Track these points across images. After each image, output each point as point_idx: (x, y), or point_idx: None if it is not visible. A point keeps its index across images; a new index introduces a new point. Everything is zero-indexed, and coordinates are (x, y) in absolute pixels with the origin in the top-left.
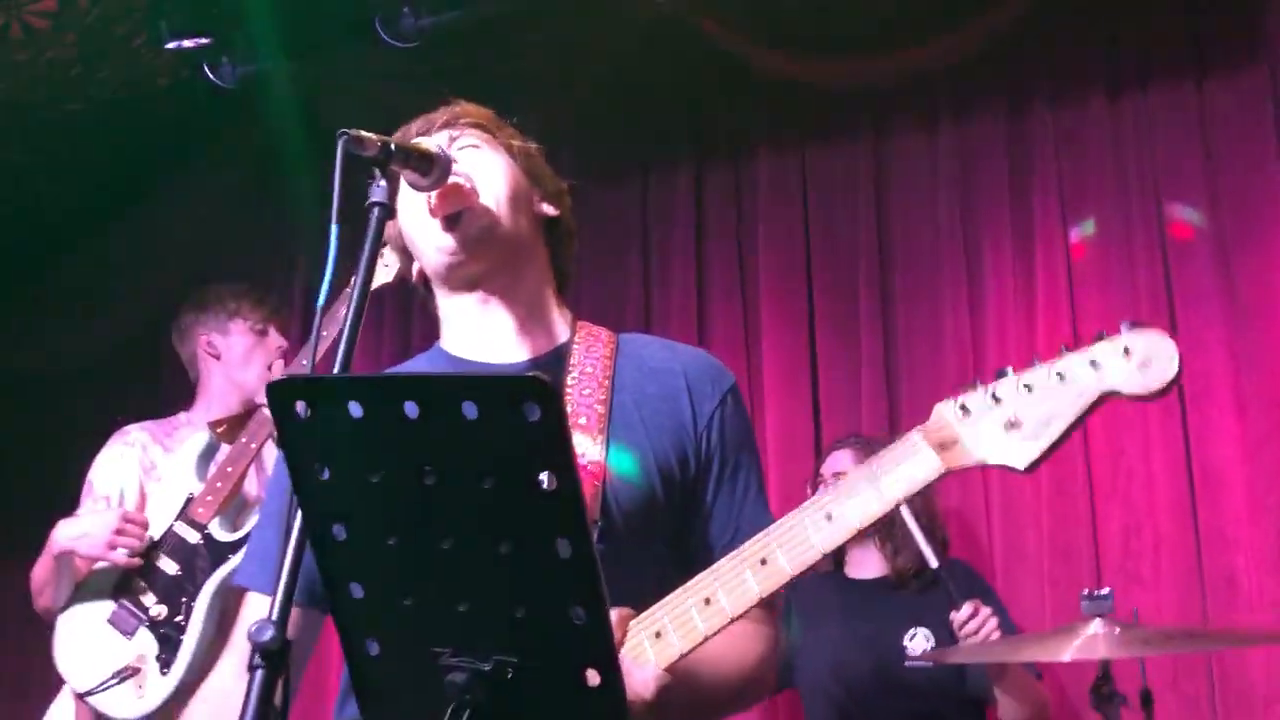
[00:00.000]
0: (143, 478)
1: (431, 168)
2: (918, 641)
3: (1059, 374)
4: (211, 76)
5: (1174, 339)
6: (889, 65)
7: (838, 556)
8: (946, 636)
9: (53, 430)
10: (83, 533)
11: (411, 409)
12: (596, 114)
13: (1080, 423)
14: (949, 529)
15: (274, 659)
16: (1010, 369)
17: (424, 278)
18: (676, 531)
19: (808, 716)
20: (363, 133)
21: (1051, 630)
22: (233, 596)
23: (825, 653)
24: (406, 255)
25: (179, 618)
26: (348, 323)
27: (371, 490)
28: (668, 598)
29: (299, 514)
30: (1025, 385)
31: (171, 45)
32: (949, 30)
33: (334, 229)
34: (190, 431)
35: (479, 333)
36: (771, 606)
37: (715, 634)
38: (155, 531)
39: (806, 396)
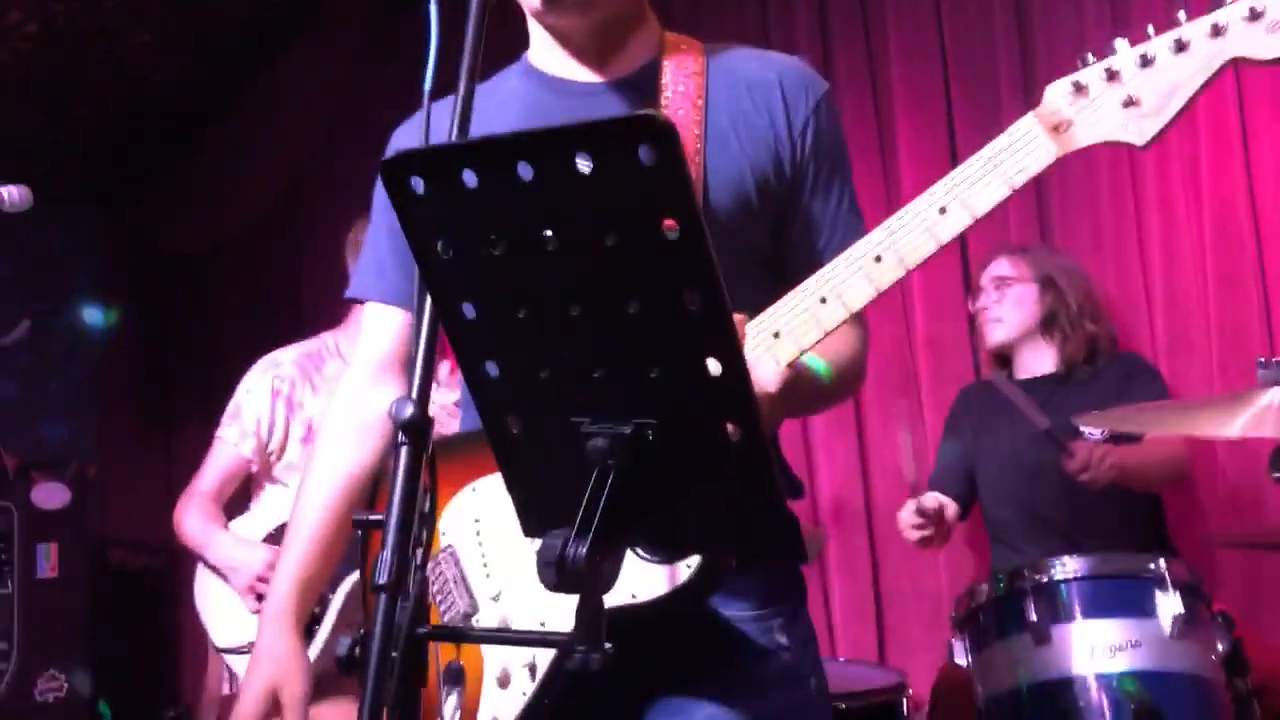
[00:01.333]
0: (288, 416)
1: None
2: (1092, 427)
3: (1178, 43)
4: None
5: None
6: None
7: (1006, 363)
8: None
9: (200, 306)
10: (238, 565)
11: (525, 170)
12: None
13: (1204, 90)
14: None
15: (417, 435)
16: (1125, 40)
17: None
18: (773, 241)
19: (987, 516)
20: None
21: (1229, 395)
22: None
23: (1003, 451)
24: None
25: (316, 607)
26: (458, 107)
27: (495, 263)
28: (781, 300)
29: (428, 295)
30: (1142, 58)
31: None
32: None
33: (433, 6)
34: (339, 366)
35: (565, 50)
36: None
37: (833, 331)
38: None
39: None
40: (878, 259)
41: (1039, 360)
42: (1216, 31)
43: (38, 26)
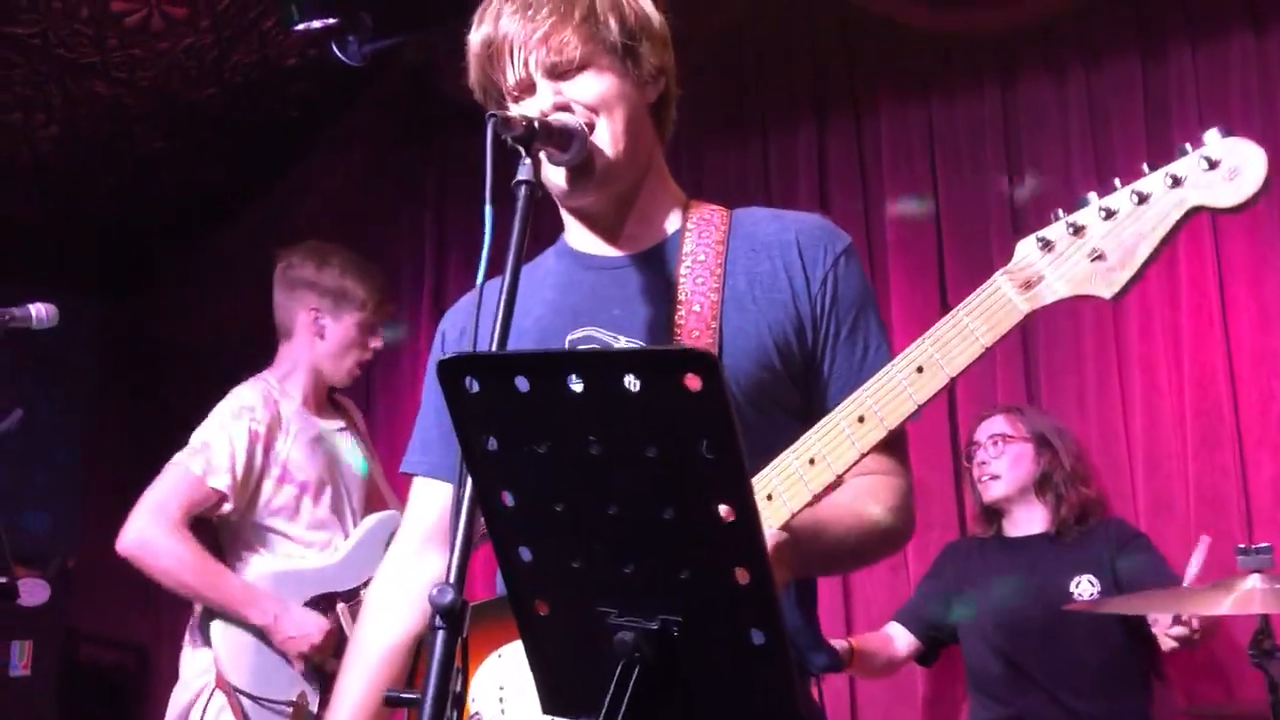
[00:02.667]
0: (265, 462)
1: (571, 142)
2: (1083, 588)
3: (1139, 195)
4: (339, 54)
5: (1257, 145)
6: (1015, 10)
7: (993, 520)
8: (1110, 581)
9: (198, 399)
10: (294, 635)
11: (576, 383)
12: (716, 69)
13: (1168, 242)
14: (1095, 484)
15: (454, 620)
16: (1092, 195)
17: None
18: (804, 402)
19: (969, 668)
20: (510, 113)
21: (1210, 584)
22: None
23: (988, 605)
24: None
25: None
26: (502, 300)
27: (538, 460)
28: (776, 460)
29: (469, 481)
30: (1105, 211)
31: (300, 27)
32: None
33: (488, 209)
34: (291, 405)
35: (594, 230)
36: (895, 450)
37: (823, 492)
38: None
39: None
40: (860, 419)
41: (1031, 519)
42: (1175, 182)
43: (60, 129)
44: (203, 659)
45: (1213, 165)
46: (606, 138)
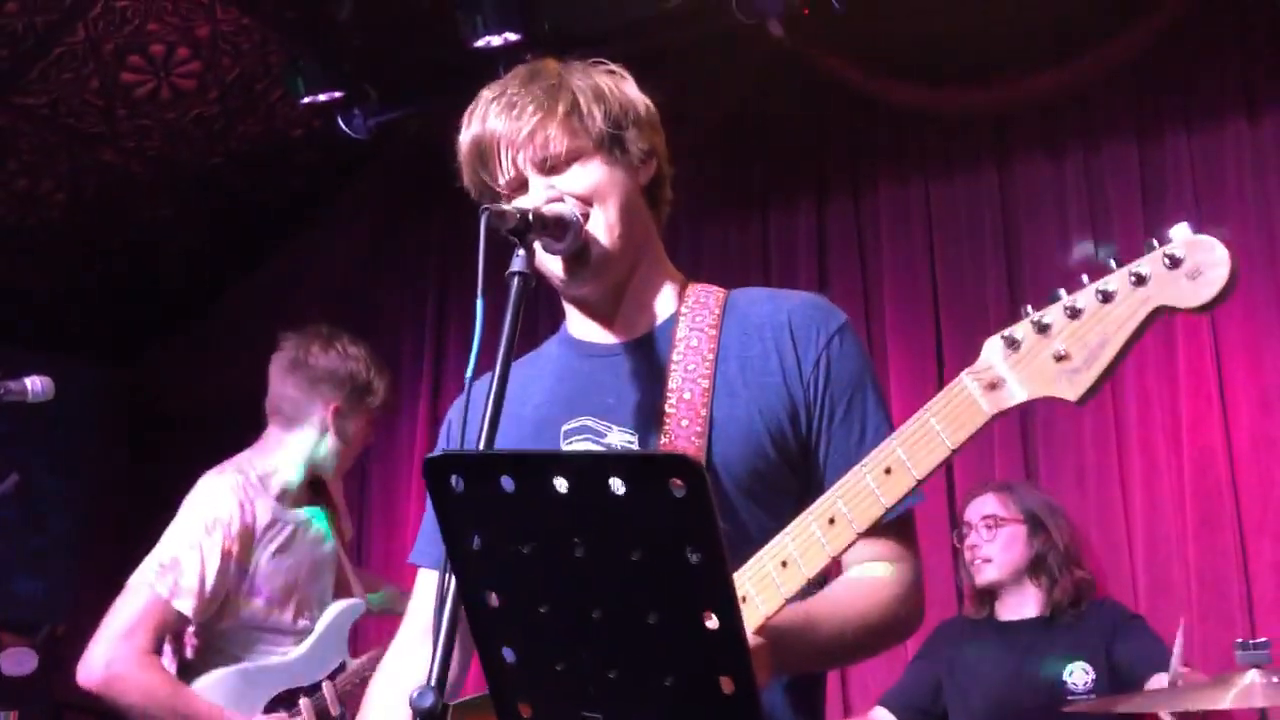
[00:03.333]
0: (239, 579)
1: (565, 233)
2: (1077, 676)
3: (1103, 294)
4: (344, 128)
5: (1222, 244)
6: (1013, 93)
7: (986, 602)
8: (1104, 668)
9: (197, 469)
10: None
11: (561, 484)
12: (717, 149)
13: (1134, 343)
14: (1091, 562)
15: None
16: (1062, 291)
17: None
18: (803, 487)
19: None
20: (504, 206)
21: (1209, 679)
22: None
23: (981, 692)
24: None
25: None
26: (492, 393)
27: (523, 560)
28: (750, 561)
29: (452, 581)
30: (1070, 310)
31: (306, 100)
32: (1075, 57)
33: (480, 302)
34: (267, 509)
35: (591, 317)
36: (901, 534)
37: (796, 595)
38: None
39: None
40: (831, 521)
41: (1023, 603)
42: (1139, 281)
43: (66, 197)
44: None
45: (1175, 264)
46: (601, 226)
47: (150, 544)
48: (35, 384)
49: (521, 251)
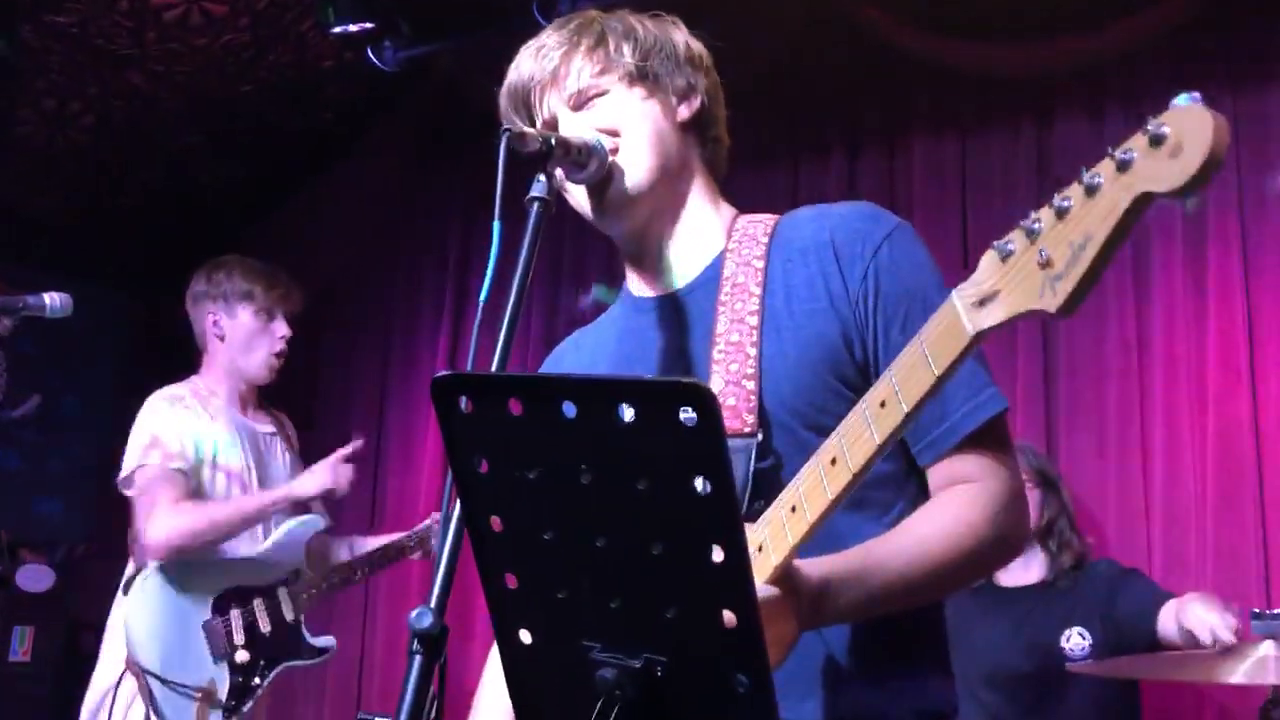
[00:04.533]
0: (199, 439)
1: (590, 159)
2: (1074, 641)
3: (1089, 187)
4: (374, 59)
5: (1211, 113)
6: (1054, 52)
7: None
8: (1100, 633)
9: None
10: (310, 484)
11: (569, 409)
12: (752, 100)
13: (1120, 241)
14: (1106, 535)
15: (432, 645)
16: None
17: None
18: None
19: None
20: (525, 129)
21: (1219, 651)
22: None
23: (978, 659)
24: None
25: (254, 679)
26: (506, 320)
27: (528, 485)
28: (769, 509)
29: (458, 503)
30: (1058, 210)
31: (337, 30)
32: (1120, 16)
33: (497, 225)
34: (219, 403)
35: (640, 269)
36: (989, 447)
37: (802, 541)
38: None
39: None
40: (833, 462)
41: (1027, 567)
42: (1123, 166)
43: (94, 119)
44: (119, 640)
45: (1158, 141)
46: (630, 157)
47: None
48: (54, 300)
49: (542, 177)
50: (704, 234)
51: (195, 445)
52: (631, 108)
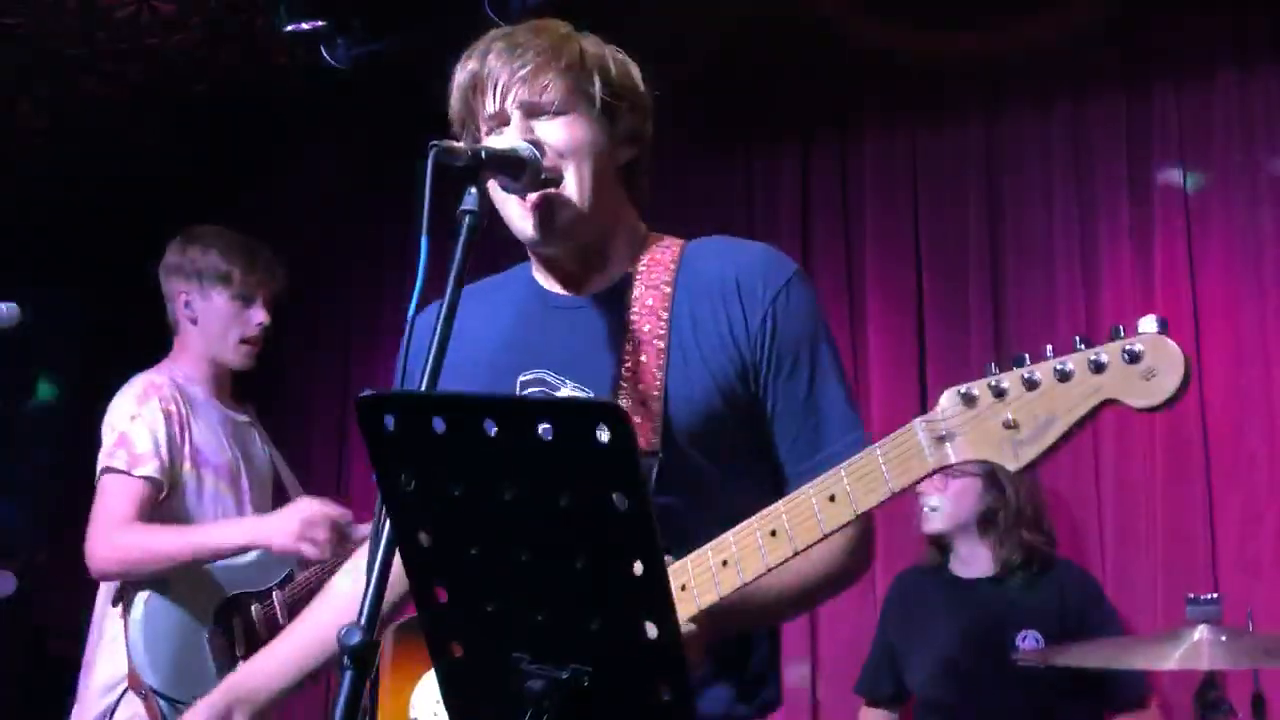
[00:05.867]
0: (181, 438)
1: (522, 172)
2: (1028, 644)
3: (1061, 373)
4: (327, 57)
5: (1184, 352)
6: (1001, 41)
7: (942, 550)
8: (1056, 635)
9: None
10: (271, 531)
11: (490, 427)
12: (702, 89)
13: (1080, 428)
14: (1058, 512)
15: (362, 661)
16: (1026, 357)
17: None
18: (763, 444)
19: (916, 715)
20: (453, 143)
21: (1154, 635)
22: None
23: (933, 653)
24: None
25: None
26: (436, 336)
27: (454, 501)
28: (695, 552)
29: (387, 520)
30: (1027, 381)
31: (289, 28)
32: (1065, 6)
33: (424, 241)
34: (198, 390)
35: (554, 272)
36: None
37: (733, 593)
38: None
39: (913, 383)
40: (773, 533)
41: (975, 559)
42: (1097, 368)
43: (47, 121)
44: (116, 657)
45: (1133, 359)
46: (574, 185)
47: None
48: (2, 310)
49: (473, 190)
50: (620, 247)
51: (170, 444)
52: (584, 137)
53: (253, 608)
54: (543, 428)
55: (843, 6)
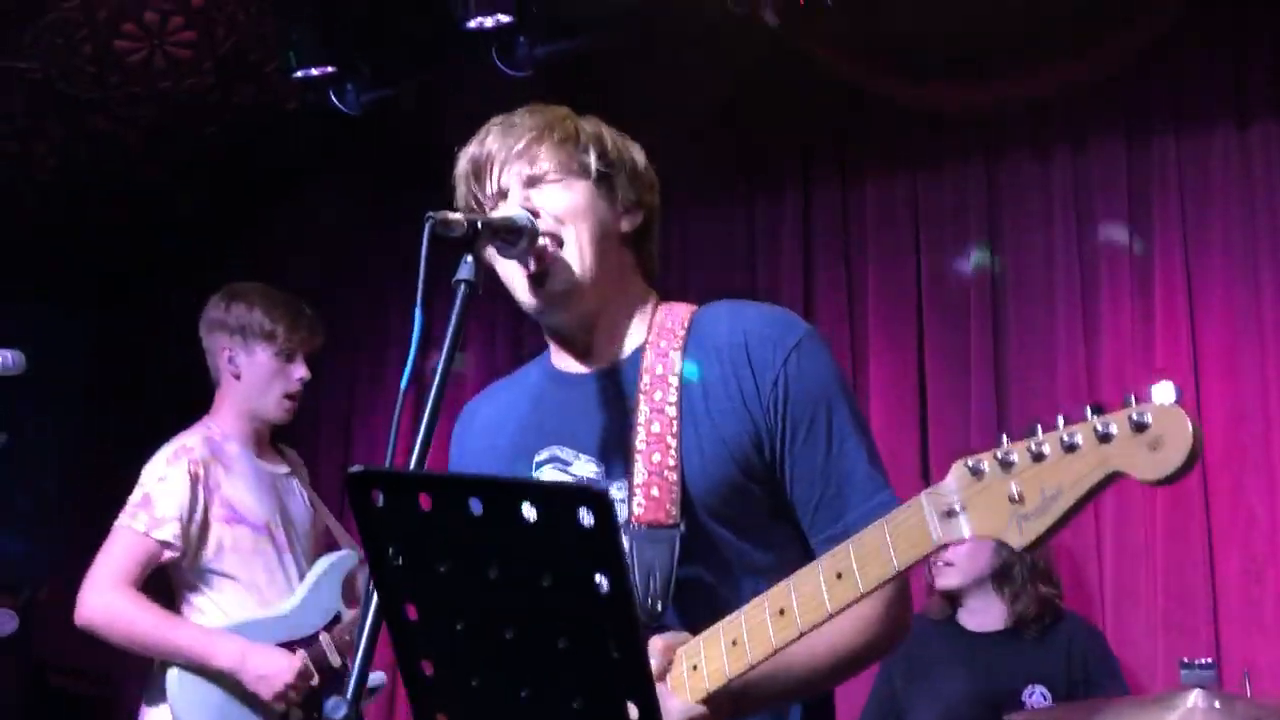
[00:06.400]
0: (208, 499)
1: (519, 238)
2: (1035, 699)
3: (1067, 444)
4: (336, 102)
5: (1191, 421)
6: (1002, 92)
7: (951, 602)
8: (1063, 689)
9: (182, 423)
10: (265, 674)
11: (476, 506)
12: (706, 139)
13: (1088, 501)
14: (1059, 568)
15: None
16: (1039, 426)
17: None
18: (781, 509)
19: None
20: (449, 214)
21: (1149, 699)
22: None
23: (938, 705)
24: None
25: None
26: (428, 409)
27: (440, 578)
28: (709, 630)
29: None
30: (1034, 453)
31: (299, 74)
32: (1066, 57)
33: (418, 313)
34: (235, 446)
35: (565, 346)
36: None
37: (738, 675)
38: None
39: (914, 428)
40: (781, 612)
41: (988, 613)
42: (1104, 438)
43: (58, 161)
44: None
45: (1140, 429)
46: (573, 250)
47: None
48: (6, 357)
49: (469, 258)
50: (630, 324)
51: (194, 506)
52: (582, 201)
53: (299, 653)
54: (527, 509)
55: (842, 60)
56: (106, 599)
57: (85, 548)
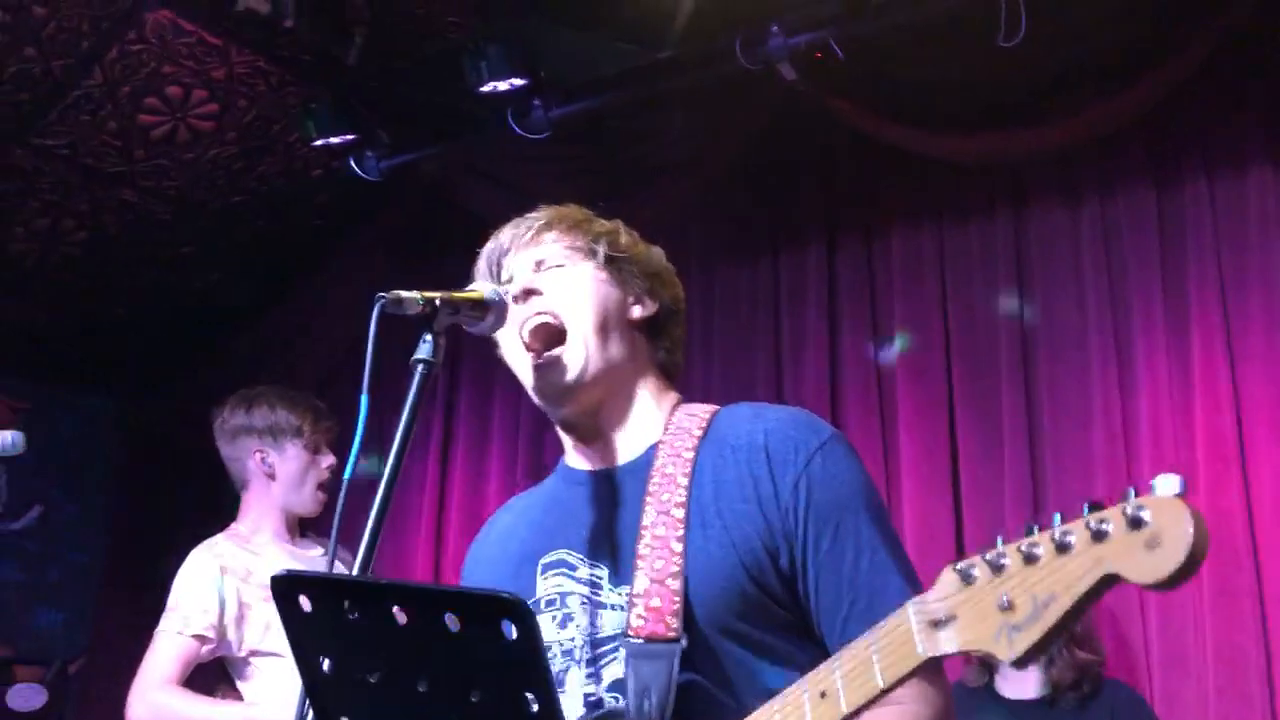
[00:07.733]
0: (240, 583)
1: (486, 313)
2: None
3: (1060, 544)
4: (357, 169)
5: (1193, 515)
6: (1027, 140)
7: (989, 669)
8: None
9: (215, 503)
10: None
11: (400, 615)
12: (727, 193)
13: (1085, 606)
14: (1102, 632)
15: None
16: (1035, 527)
17: None
18: (799, 622)
19: None
20: (401, 293)
21: None
22: None
23: None
24: None
25: None
26: (377, 501)
27: (370, 688)
28: None
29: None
30: (1026, 555)
31: (319, 142)
32: (1094, 103)
33: (364, 400)
34: (263, 540)
35: (578, 442)
36: (921, 673)
37: None
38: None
39: (946, 486)
40: None
41: (1025, 679)
42: (1099, 536)
43: (87, 234)
44: None
45: (1136, 525)
46: (578, 337)
47: (170, 575)
48: (5, 438)
49: (428, 337)
50: (644, 422)
51: (224, 597)
52: (589, 285)
53: None
54: (450, 619)
55: (863, 111)
56: (150, 698)
57: (116, 622)
